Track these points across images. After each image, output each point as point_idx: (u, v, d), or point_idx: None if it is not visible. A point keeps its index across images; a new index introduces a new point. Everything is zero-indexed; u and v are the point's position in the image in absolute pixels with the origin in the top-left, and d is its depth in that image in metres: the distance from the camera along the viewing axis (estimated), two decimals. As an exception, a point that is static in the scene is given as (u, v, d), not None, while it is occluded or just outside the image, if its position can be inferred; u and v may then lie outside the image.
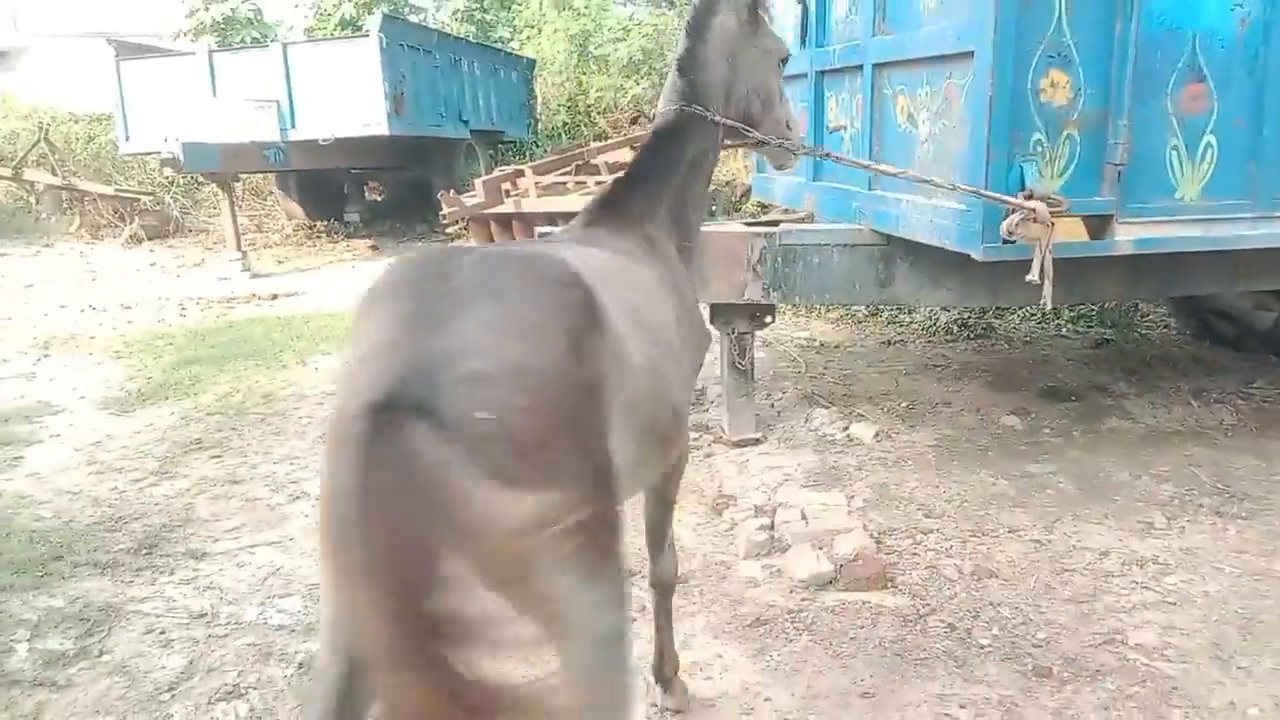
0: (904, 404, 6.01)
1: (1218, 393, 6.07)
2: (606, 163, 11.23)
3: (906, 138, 4.61)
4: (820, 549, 4.16)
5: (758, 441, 5.44)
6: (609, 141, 13.00)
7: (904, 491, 4.81)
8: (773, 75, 3.11)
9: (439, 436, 1.45)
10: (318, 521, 1.65)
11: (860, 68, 4.94)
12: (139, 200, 14.76)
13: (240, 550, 4.32)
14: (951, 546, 4.28)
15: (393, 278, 1.82)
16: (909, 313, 8.11)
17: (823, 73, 5.52)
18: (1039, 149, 3.92)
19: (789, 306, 8.10)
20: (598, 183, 10.12)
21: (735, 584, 4.04)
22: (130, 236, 14.01)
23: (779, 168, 3.38)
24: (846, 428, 5.61)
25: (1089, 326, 7.86)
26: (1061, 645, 3.53)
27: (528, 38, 18.01)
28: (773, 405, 6.04)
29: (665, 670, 3.17)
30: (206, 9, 17.39)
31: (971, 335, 7.66)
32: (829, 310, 8.33)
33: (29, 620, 3.73)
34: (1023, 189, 3.82)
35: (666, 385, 2.25)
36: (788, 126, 3.18)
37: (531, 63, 16.62)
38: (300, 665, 3.46)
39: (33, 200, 15.41)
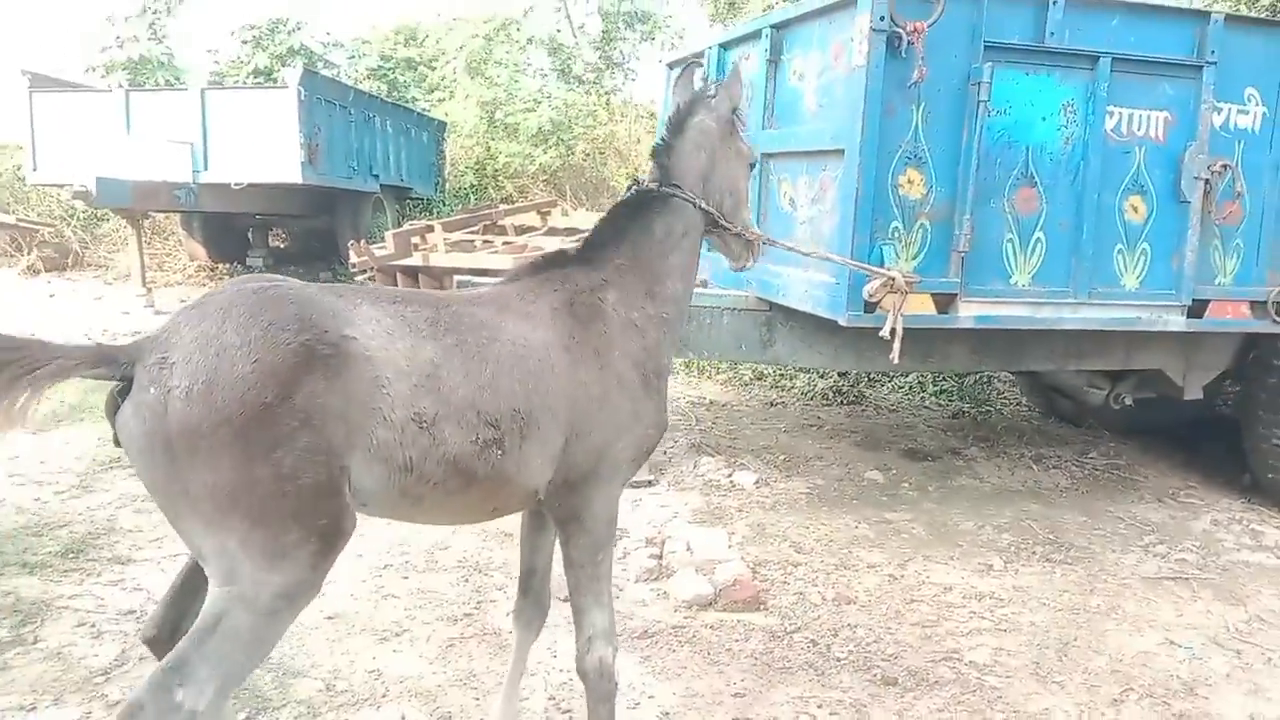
0: (782, 457, 6.62)
1: (1055, 459, 6.87)
2: (514, 224, 11.74)
3: (788, 217, 5.28)
4: (703, 575, 4.67)
5: (650, 483, 5.94)
6: (518, 204, 13.55)
7: (779, 530, 5.37)
8: (743, 177, 3.22)
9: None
10: None
11: (752, 154, 5.60)
12: (39, 231, 14.62)
13: (164, 558, 4.58)
14: (817, 577, 4.84)
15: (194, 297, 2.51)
16: (790, 378, 8.80)
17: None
18: (896, 234, 4.61)
19: (683, 367, 8.71)
20: (505, 242, 10.60)
21: (626, 603, 4.49)
22: (28, 267, 13.85)
23: (738, 268, 3.43)
24: (730, 475, 6.17)
25: (950, 400, 8.66)
26: (907, 660, 4.10)
27: (440, 99, 18.51)
28: (665, 453, 6.56)
29: None
30: (120, 47, 17.39)
31: (844, 401, 8.38)
32: (718, 372, 8.96)
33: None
34: (882, 266, 4.48)
35: (445, 442, 2.41)
36: (748, 225, 3.27)
37: (442, 125, 17.10)
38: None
39: (-71, 227, 15.08)
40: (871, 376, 8.89)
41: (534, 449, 2.60)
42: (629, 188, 3.11)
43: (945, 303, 4.78)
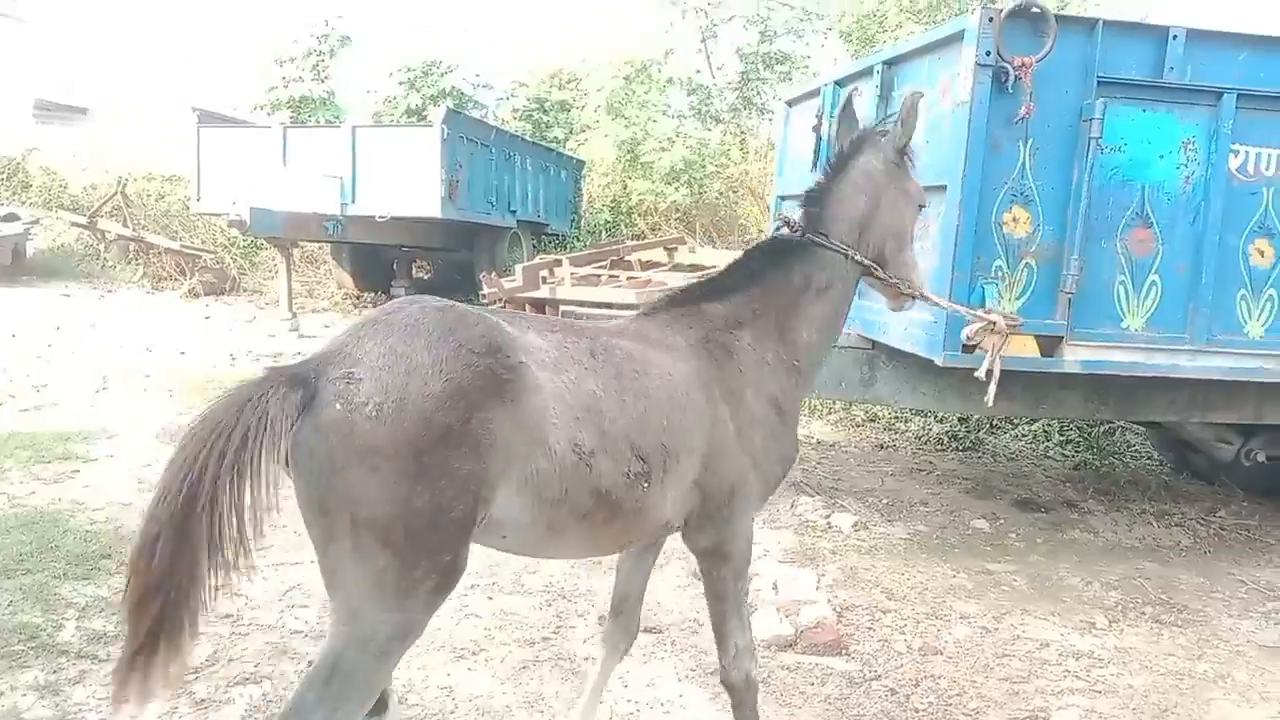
0: (885, 500, 6.47)
1: (1179, 517, 6.47)
2: (639, 260, 11.89)
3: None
4: (785, 615, 4.60)
5: (745, 520, 5.89)
6: (643, 241, 13.73)
7: (871, 575, 5.24)
8: (910, 218, 3.13)
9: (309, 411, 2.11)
10: None
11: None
12: (201, 257, 15.70)
13: (268, 566, 4.82)
14: (906, 625, 4.69)
15: (368, 312, 2.47)
16: (905, 420, 8.59)
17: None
18: (999, 273, 4.48)
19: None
20: (629, 278, 10.75)
21: (704, 638, 4.44)
22: (189, 290, 14.86)
23: (895, 309, 3.34)
24: (828, 516, 6.06)
25: (1076, 451, 8.27)
26: (989, 716, 3.93)
27: (581, 141, 19.00)
28: (763, 490, 6.51)
29: None
30: (285, 86, 18.60)
31: (960, 447, 8.11)
32: (830, 411, 8.82)
33: (78, 603, 4.24)
34: (983, 307, 4.35)
35: (601, 475, 2.42)
36: (911, 267, 3.16)
37: (581, 163, 17.55)
38: (310, 662, 3.93)
39: (102, 248, 16.39)
40: (993, 423, 8.59)
41: (674, 482, 2.63)
42: (776, 228, 3.13)
43: (1051, 346, 4.61)
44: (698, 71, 21.01)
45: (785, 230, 3.08)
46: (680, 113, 19.27)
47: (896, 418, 8.72)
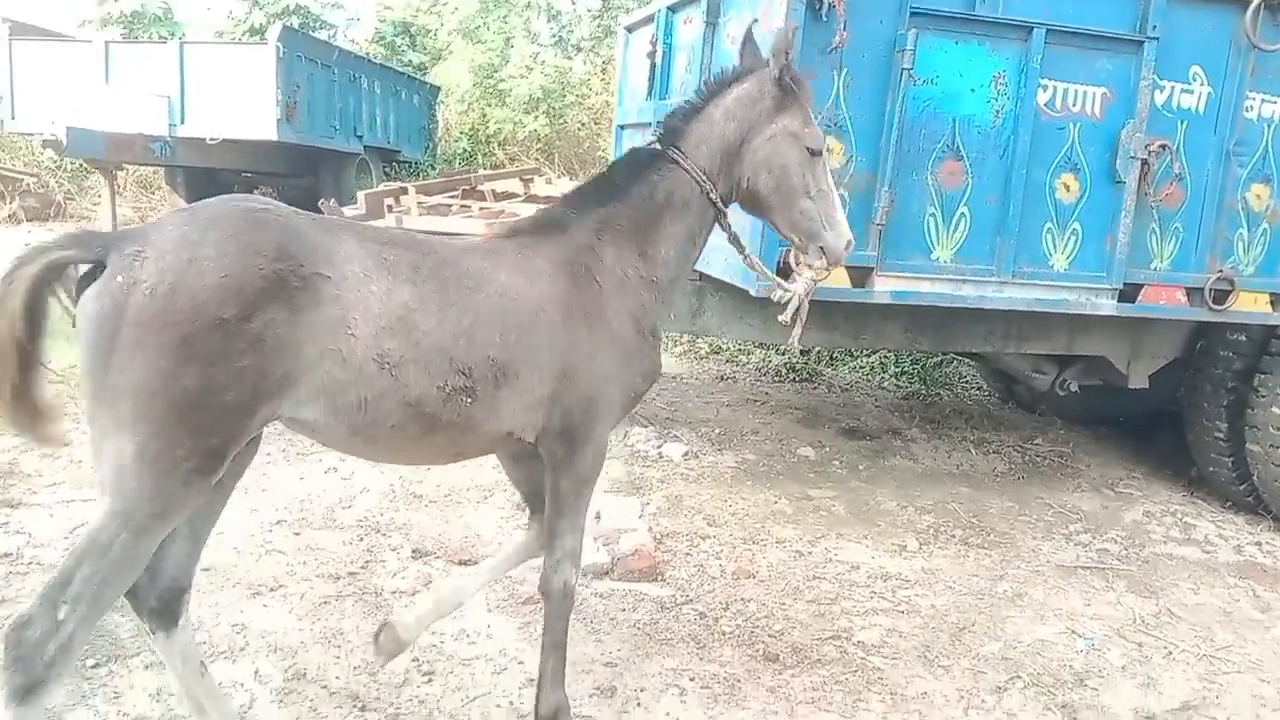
0: (718, 430, 6.53)
1: (998, 444, 6.75)
2: (493, 190, 11.61)
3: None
4: (604, 544, 4.59)
5: (574, 452, 5.85)
6: (498, 170, 13.42)
7: (695, 503, 5.28)
8: (795, 160, 2.91)
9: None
10: None
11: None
12: (21, 180, 14.59)
13: (56, 503, 4.53)
14: (723, 550, 4.75)
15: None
16: (747, 353, 8.69)
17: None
18: (812, 203, 4.47)
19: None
20: (481, 208, 10.49)
21: (520, 569, 4.40)
22: (9, 215, 13.85)
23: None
24: (660, 446, 6.08)
25: (911, 382, 8.54)
26: (793, 637, 4.01)
27: (436, 64, 18.37)
28: (596, 421, 6.48)
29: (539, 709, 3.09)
30: (116, 1, 17.29)
31: (797, 379, 8.26)
32: (675, 344, 8.85)
33: None
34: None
35: (409, 386, 2.45)
36: (824, 225, 2.96)
37: (435, 89, 16.98)
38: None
39: (-91, 170, 15.09)
40: (831, 355, 8.77)
41: (512, 398, 2.66)
42: (633, 147, 3.05)
43: (862, 277, 4.64)
44: (558, -3, 20.49)
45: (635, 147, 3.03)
46: (540, 40, 18.77)
47: (740, 350, 8.81)
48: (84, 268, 2.25)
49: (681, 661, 3.77)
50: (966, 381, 8.75)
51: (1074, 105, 4.77)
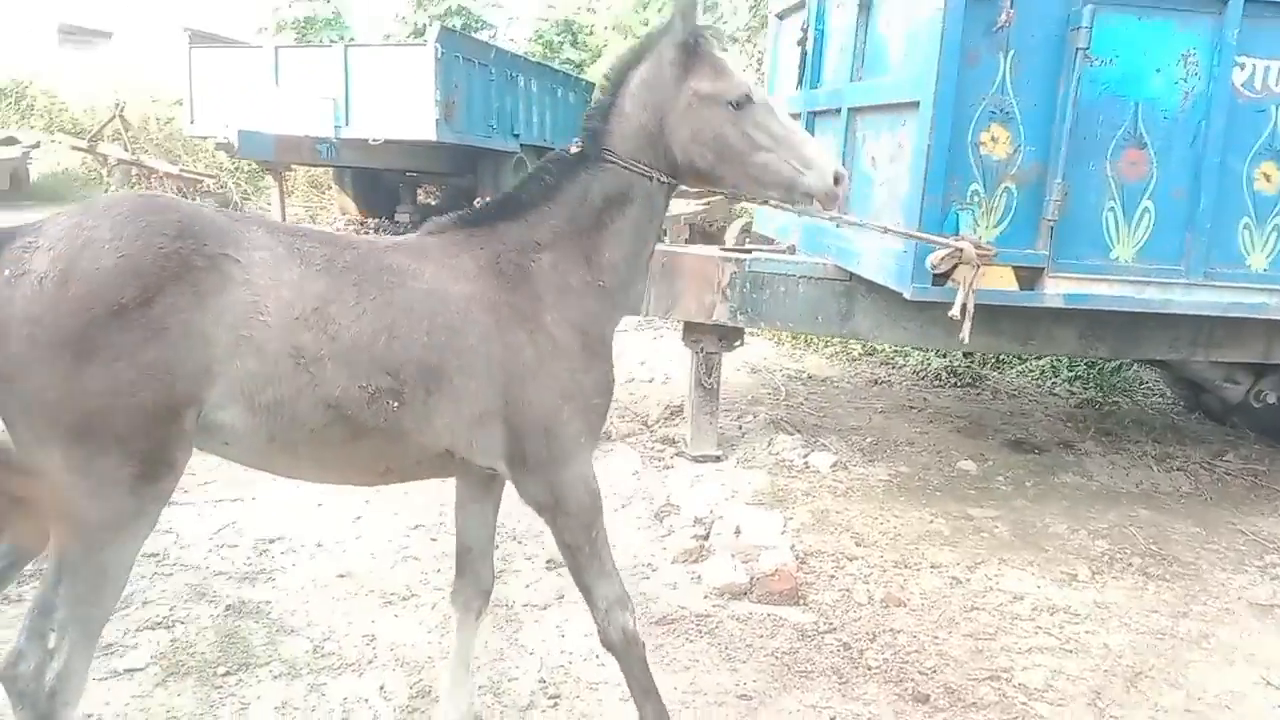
0: (869, 440, 6.16)
1: (1182, 460, 6.13)
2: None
3: (868, 180, 4.82)
4: (742, 561, 4.36)
5: (717, 459, 5.64)
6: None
7: (842, 519, 4.97)
8: (723, 120, 2.63)
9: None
10: None
11: (840, 111, 5.16)
12: (202, 181, 15.46)
13: (205, 503, 4.63)
14: (871, 574, 4.43)
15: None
16: (905, 354, 8.24)
17: (814, 114, 5.74)
18: (975, 198, 4.11)
19: (786, 338, 8.33)
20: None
21: (655, 585, 4.24)
22: (191, 216, 14.65)
23: (799, 212, 3.10)
24: (806, 455, 5.77)
25: (1084, 388, 7.91)
26: (946, 675, 3.68)
27: (594, 60, 18.46)
28: (740, 427, 6.23)
29: None
30: (290, 6, 18.15)
31: (959, 383, 7.77)
32: (826, 345, 8.49)
33: None
34: (956, 235, 4.00)
35: (326, 383, 2.29)
36: (797, 169, 2.67)
37: (592, 85, 17.03)
38: (228, 607, 3.75)
39: (104, 172, 16.20)
40: (998, 358, 8.23)
41: (443, 405, 2.45)
42: (555, 153, 2.80)
43: (1031, 278, 4.25)
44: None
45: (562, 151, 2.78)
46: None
47: (896, 352, 8.37)
48: None
49: (822, 697, 3.50)
50: (1148, 389, 8.04)
51: (1276, 85, 4.23)
